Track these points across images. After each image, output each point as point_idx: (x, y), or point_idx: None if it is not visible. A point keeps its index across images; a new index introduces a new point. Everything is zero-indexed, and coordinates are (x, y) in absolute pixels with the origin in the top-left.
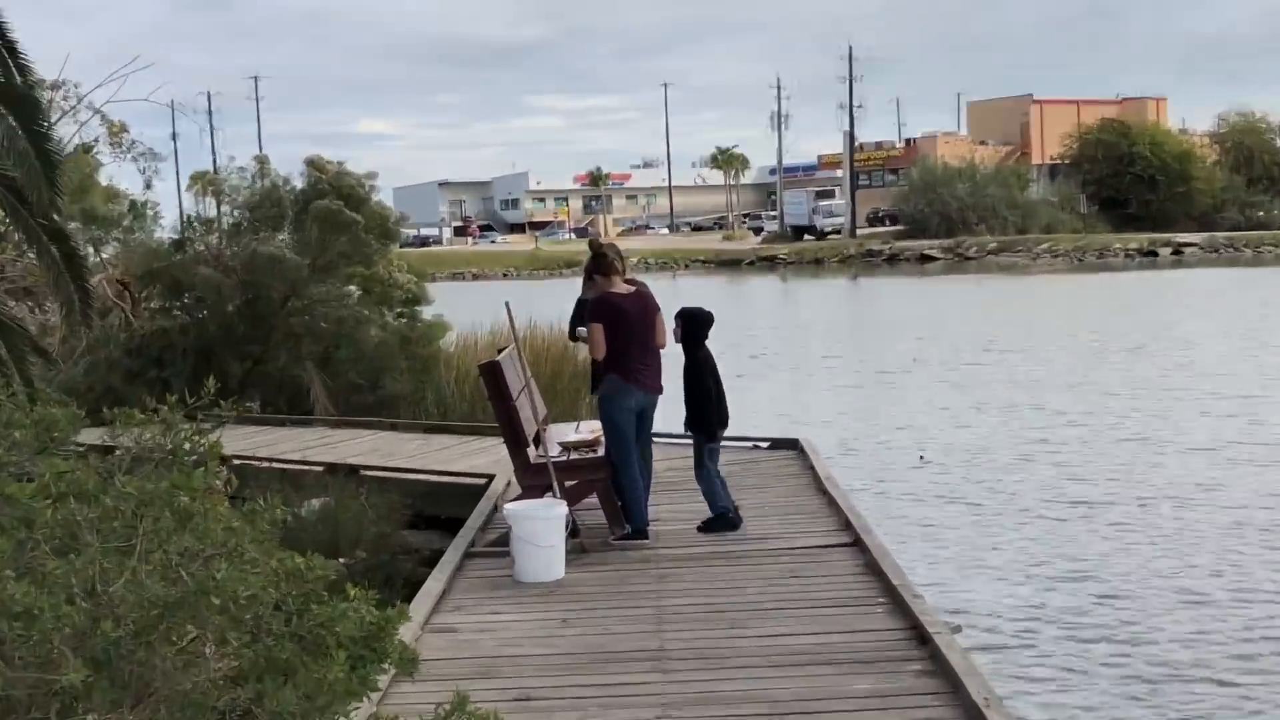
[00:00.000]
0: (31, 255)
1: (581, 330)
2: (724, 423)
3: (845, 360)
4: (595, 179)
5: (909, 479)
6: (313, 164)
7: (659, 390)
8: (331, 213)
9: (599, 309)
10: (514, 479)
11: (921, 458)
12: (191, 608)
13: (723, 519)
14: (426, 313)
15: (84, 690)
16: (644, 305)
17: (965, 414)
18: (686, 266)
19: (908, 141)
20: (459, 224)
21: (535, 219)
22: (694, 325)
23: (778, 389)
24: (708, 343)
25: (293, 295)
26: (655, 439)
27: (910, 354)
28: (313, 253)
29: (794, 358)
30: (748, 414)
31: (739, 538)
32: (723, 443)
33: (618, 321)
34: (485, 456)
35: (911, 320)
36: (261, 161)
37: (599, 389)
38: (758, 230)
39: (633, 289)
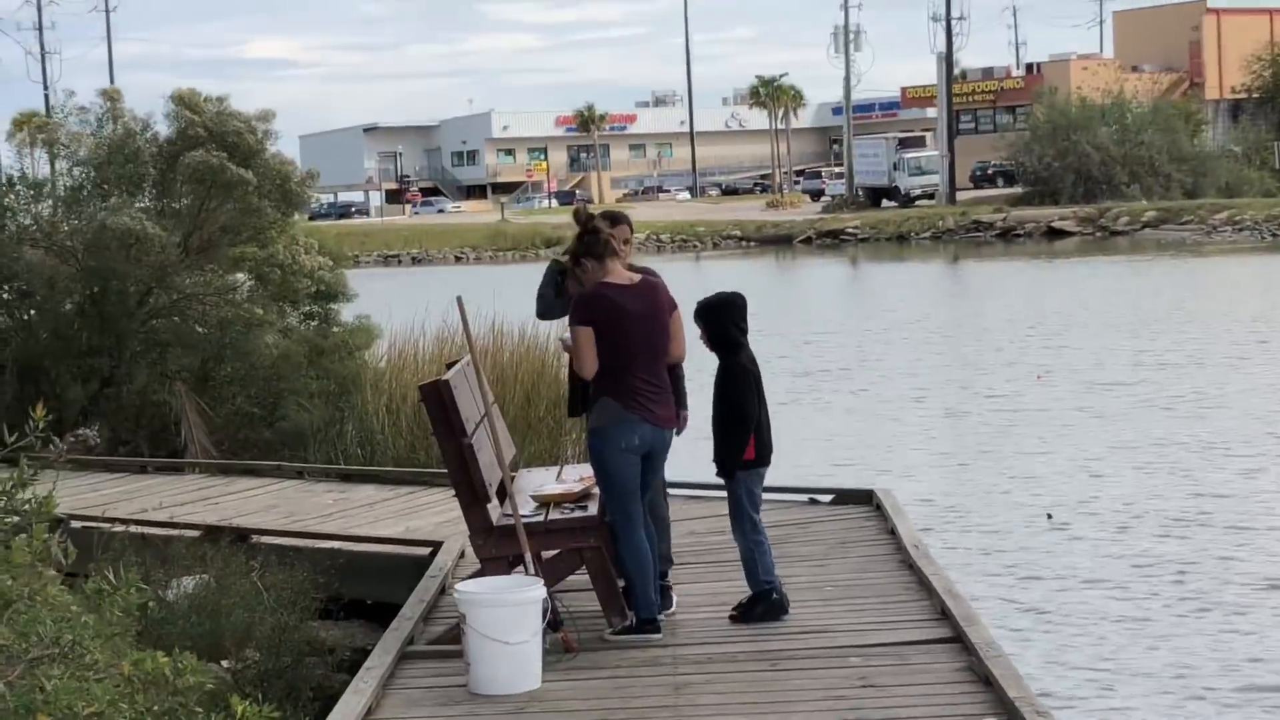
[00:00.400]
0: None
1: (566, 336)
2: (767, 454)
3: (938, 380)
4: (585, 122)
5: (1029, 548)
6: (183, 102)
7: (674, 422)
8: (210, 170)
9: (586, 307)
10: (469, 548)
11: (1049, 517)
12: None
13: (766, 600)
14: (347, 312)
15: None
16: (653, 301)
17: (1111, 457)
18: (715, 245)
19: (1029, 68)
20: (393, 186)
21: (501, 179)
22: (722, 317)
23: (842, 421)
24: (748, 338)
25: (156, 288)
26: (673, 490)
27: (1033, 371)
28: (184, 227)
29: (865, 377)
30: (800, 455)
31: (788, 629)
32: (765, 493)
33: (615, 324)
34: (429, 516)
35: (1034, 321)
36: (112, 98)
37: (590, 419)
38: (816, 194)
39: (637, 278)
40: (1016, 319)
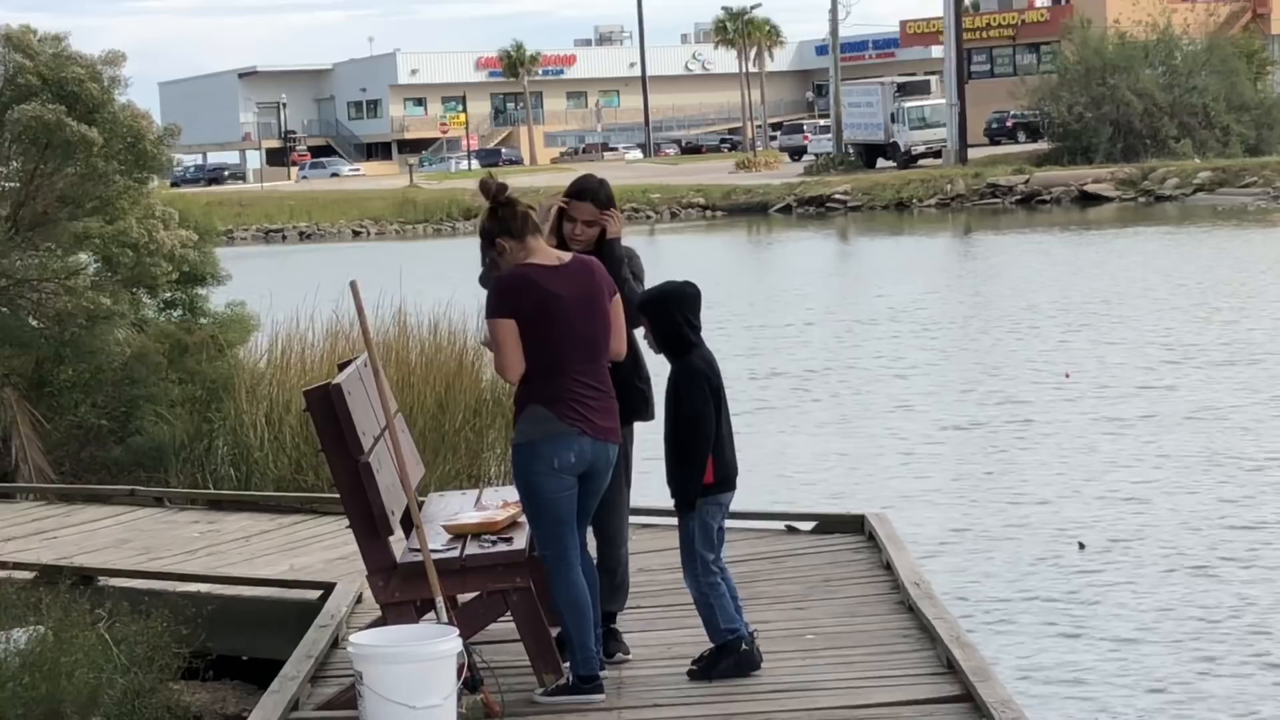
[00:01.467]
0: None
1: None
2: (730, 476)
3: (944, 382)
4: (513, 64)
5: (1055, 585)
6: (11, 42)
7: (618, 435)
8: (45, 126)
9: (506, 294)
10: (367, 590)
11: (1081, 547)
12: None
13: (733, 652)
14: (217, 299)
15: None
16: (589, 284)
17: (1157, 474)
18: (673, 215)
19: None
20: (275, 145)
21: (409, 135)
22: (670, 310)
23: (827, 432)
24: (704, 335)
25: None
26: (634, 516)
27: (1059, 368)
28: (13, 197)
29: (855, 379)
30: (774, 474)
31: (760, 687)
32: (732, 519)
33: (542, 314)
34: (317, 552)
35: (1061, 307)
36: None
37: (516, 431)
38: (797, 152)
39: (568, 257)
40: (1040, 305)
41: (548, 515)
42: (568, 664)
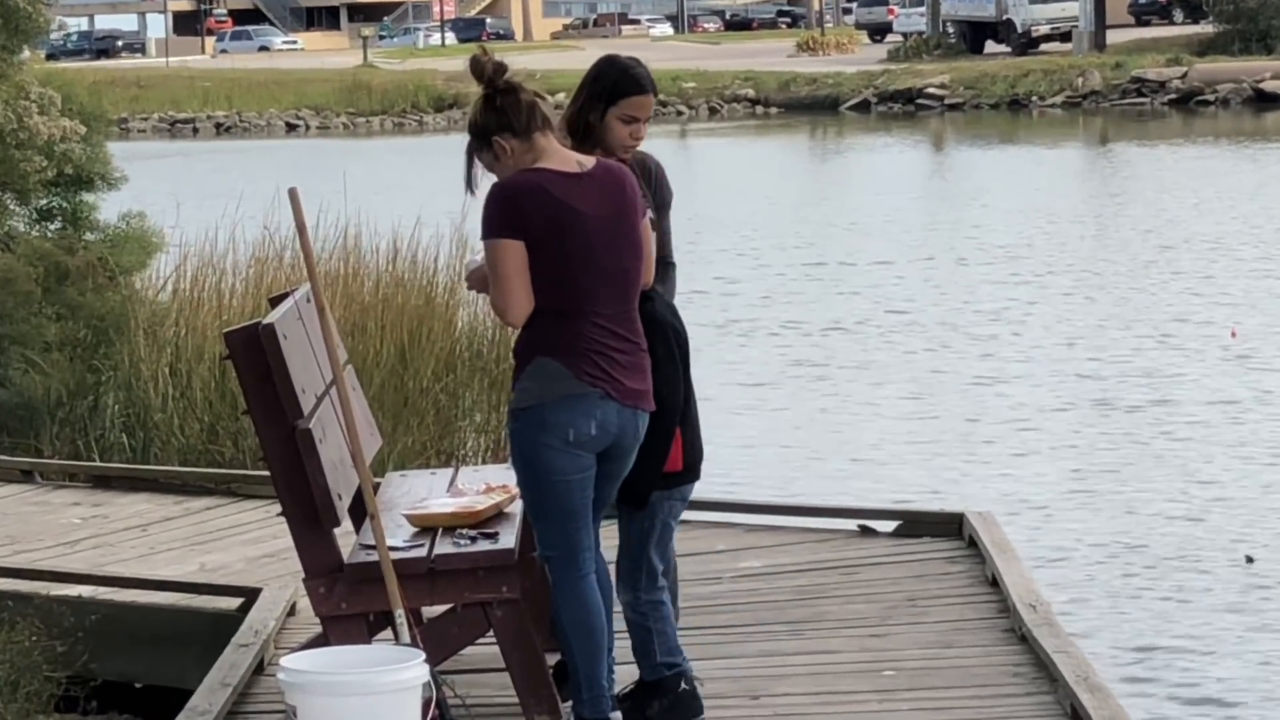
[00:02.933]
0: None
1: (475, 259)
2: (697, 462)
3: (1069, 341)
4: None
5: (1215, 610)
6: None
7: (649, 400)
8: None
9: (510, 206)
10: (304, 599)
11: (1248, 561)
12: None
13: (669, 692)
14: (108, 209)
15: None
16: (619, 200)
17: None
18: (713, 111)
19: None
20: (186, 7)
21: None
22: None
23: (909, 410)
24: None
25: None
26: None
27: (1224, 325)
28: None
29: (946, 337)
30: (842, 459)
31: None
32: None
33: (559, 235)
34: (237, 547)
35: (1225, 245)
36: None
37: (515, 392)
38: (879, 31)
39: (590, 162)
40: (1198, 242)
41: (555, 505)
42: (568, 704)
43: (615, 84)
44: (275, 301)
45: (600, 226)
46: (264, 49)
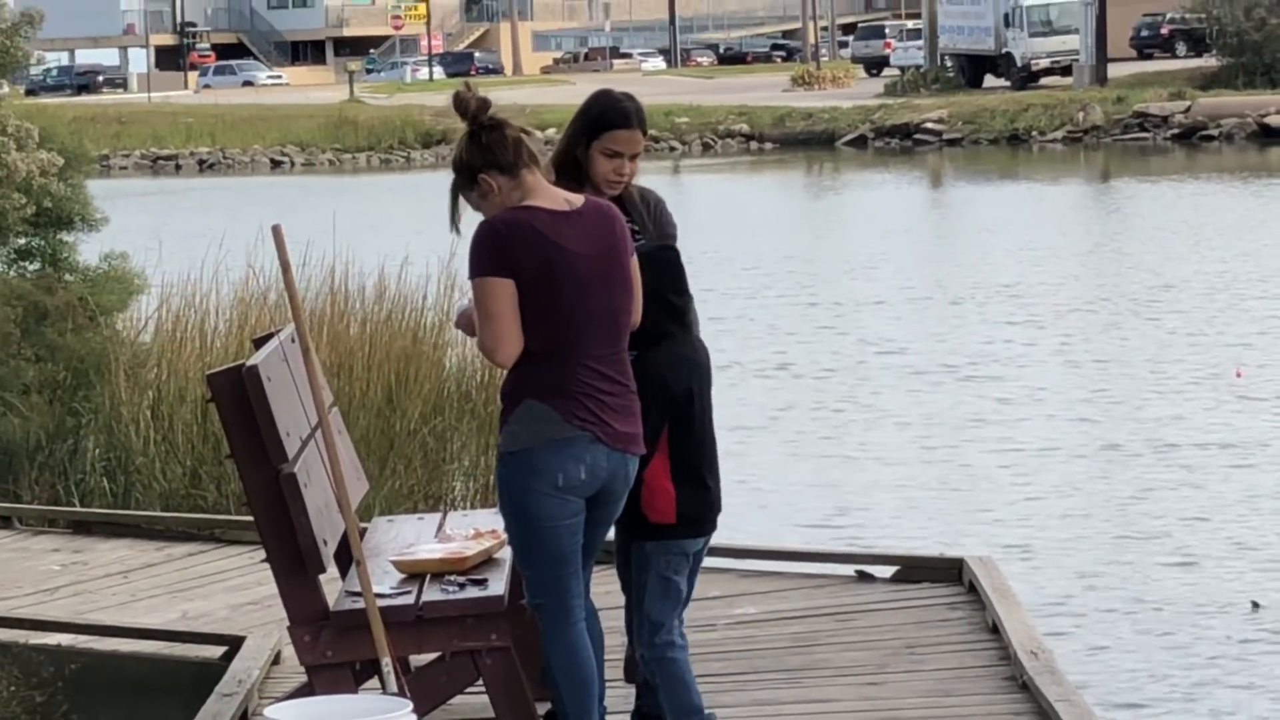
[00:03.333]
0: None
1: (464, 300)
2: (703, 517)
3: (1062, 385)
4: None
5: (1215, 657)
6: None
7: (639, 444)
8: None
9: (500, 244)
10: (289, 647)
11: (1255, 607)
12: None
13: None
14: (88, 249)
15: None
16: (609, 239)
17: None
18: (707, 148)
19: None
20: (169, 41)
21: (350, 32)
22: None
23: (909, 453)
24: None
25: None
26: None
27: (1228, 365)
28: None
29: (947, 379)
30: (838, 503)
31: None
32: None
33: (550, 274)
34: (220, 594)
35: (1229, 283)
36: None
37: (503, 436)
38: (875, 65)
39: (579, 200)
40: (1202, 280)
41: (544, 551)
42: None
43: (599, 116)
44: (259, 342)
45: (591, 266)
46: (248, 84)
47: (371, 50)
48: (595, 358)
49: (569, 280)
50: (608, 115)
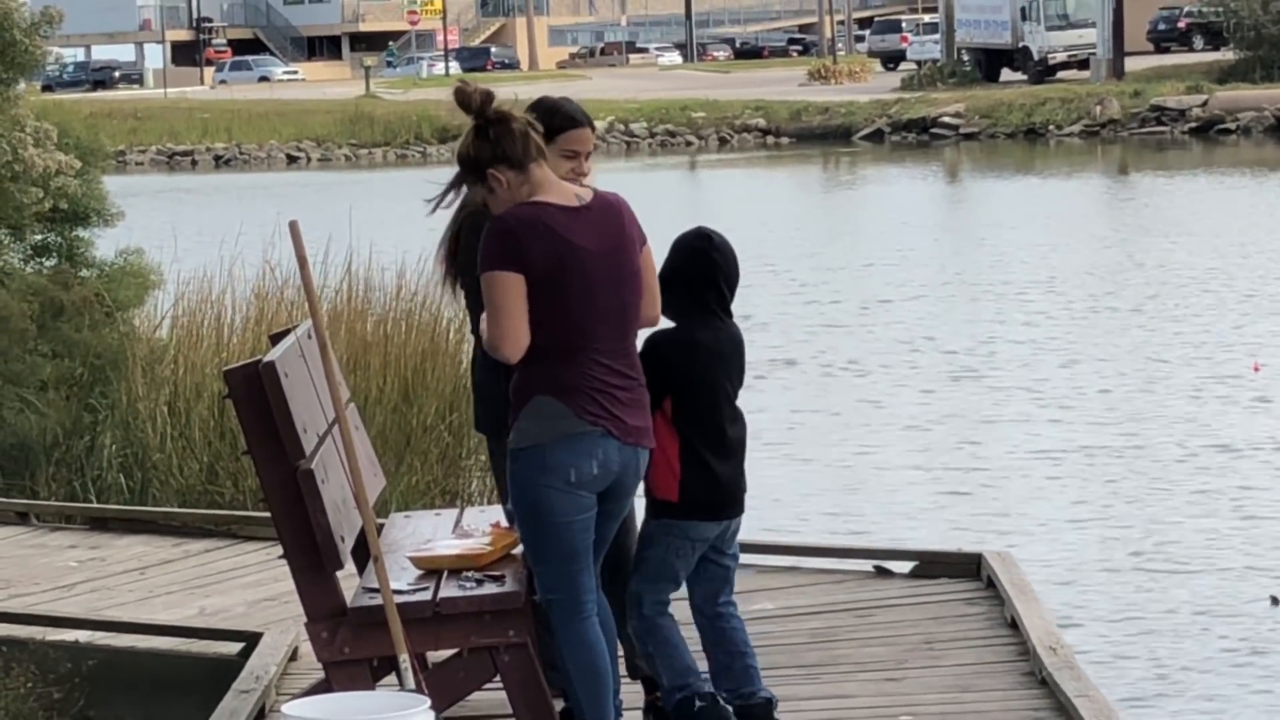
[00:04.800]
0: None
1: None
2: (734, 495)
3: (1081, 379)
4: None
5: (1242, 652)
6: None
7: (649, 436)
8: None
9: (511, 239)
10: (306, 643)
11: (1275, 601)
12: None
13: (686, 708)
14: (105, 244)
15: None
16: (618, 234)
17: None
18: (723, 142)
19: None
20: (185, 36)
21: (365, 27)
22: (695, 267)
23: (926, 448)
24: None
25: None
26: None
27: (1247, 358)
28: None
29: (964, 374)
30: (855, 498)
31: None
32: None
33: (559, 270)
34: (237, 590)
35: (1248, 277)
36: None
37: (514, 433)
38: (892, 59)
39: (588, 195)
40: (1220, 274)
41: (556, 546)
42: None
43: (552, 121)
44: (276, 338)
45: (600, 262)
46: (264, 79)
47: (391, 43)
48: (604, 352)
49: (579, 277)
50: (556, 119)
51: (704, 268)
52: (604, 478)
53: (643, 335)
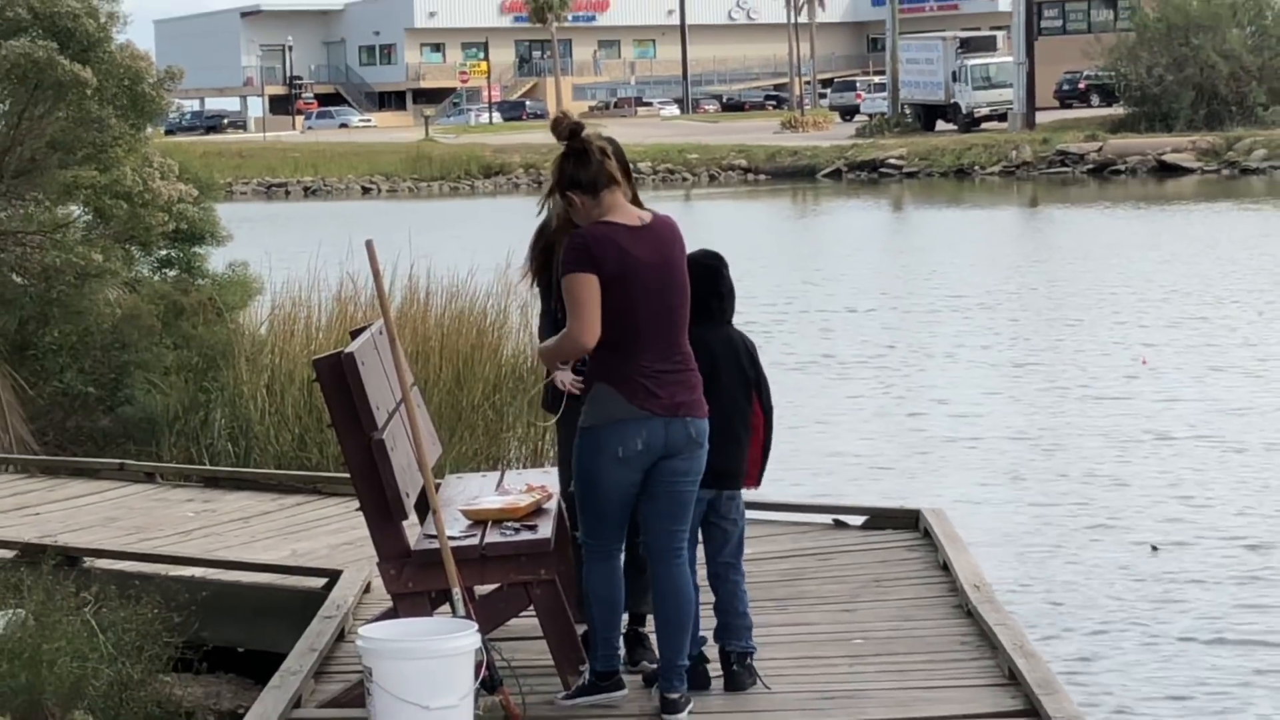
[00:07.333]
0: None
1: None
2: (720, 471)
3: (1005, 367)
4: (540, 9)
5: (1126, 591)
6: None
7: (698, 409)
8: (35, 64)
9: (588, 248)
10: (377, 579)
11: (1154, 550)
12: None
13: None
14: (216, 259)
15: None
16: (670, 251)
17: (1243, 468)
18: (712, 179)
19: None
20: (280, 91)
21: (425, 84)
22: (706, 283)
23: (877, 425)
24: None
25: None
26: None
27: (1135, 353)
28: None
29: (908, 363)
30: (819, 465)
31: (805, 694)
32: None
33: (623, 279)
34: (322, 536)
35: (1138, 287)
36: None
37: (584, 413)
38: (849, 112)
39: (649, 217)
40: (1113, 287)
41: (599, 506)
42: (585, 666)
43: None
44: (355, 334)
45: (654, 273)
46: (344, 125)
47: (452, 99)
48: (655, 348)
49: (637, 285)
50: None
51: (714, 282)
52: (649, 453)
53: None
